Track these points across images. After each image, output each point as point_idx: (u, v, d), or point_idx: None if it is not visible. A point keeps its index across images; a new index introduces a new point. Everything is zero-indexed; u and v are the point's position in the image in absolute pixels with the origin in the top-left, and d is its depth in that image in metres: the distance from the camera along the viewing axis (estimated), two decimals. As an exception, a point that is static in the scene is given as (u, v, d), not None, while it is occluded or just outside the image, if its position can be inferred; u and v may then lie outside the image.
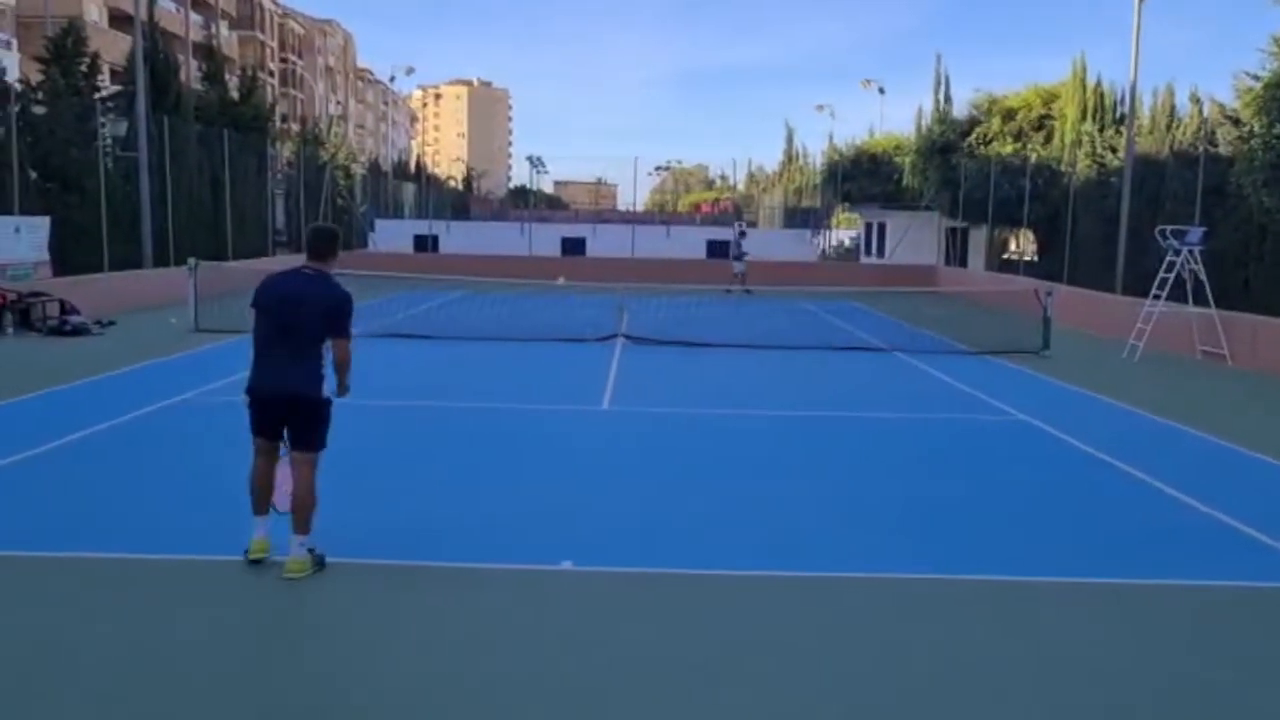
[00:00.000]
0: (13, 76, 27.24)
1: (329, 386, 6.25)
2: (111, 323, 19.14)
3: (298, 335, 6.14)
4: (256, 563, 6.21)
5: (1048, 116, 35.15)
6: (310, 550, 6.21)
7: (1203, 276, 18.15)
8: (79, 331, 18.01)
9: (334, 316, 6.17)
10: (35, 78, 26.21)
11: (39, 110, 24.00)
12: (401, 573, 6.41)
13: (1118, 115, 30.94)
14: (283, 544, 6.20)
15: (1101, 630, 5.78)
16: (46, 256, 20.57)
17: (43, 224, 20.72)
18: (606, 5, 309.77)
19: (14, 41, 39.63)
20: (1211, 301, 18.05)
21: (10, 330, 17.82)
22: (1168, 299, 18.52)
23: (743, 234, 34.74)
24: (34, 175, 22.91)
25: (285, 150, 40.94)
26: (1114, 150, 28.43)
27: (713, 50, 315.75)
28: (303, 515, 6.16)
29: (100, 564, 6.42)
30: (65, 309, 18.74)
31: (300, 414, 6.20)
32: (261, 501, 6.27)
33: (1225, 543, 7.51)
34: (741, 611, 5.96)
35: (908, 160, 40.56)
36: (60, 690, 4.77)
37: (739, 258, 33.29)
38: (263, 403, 6.22)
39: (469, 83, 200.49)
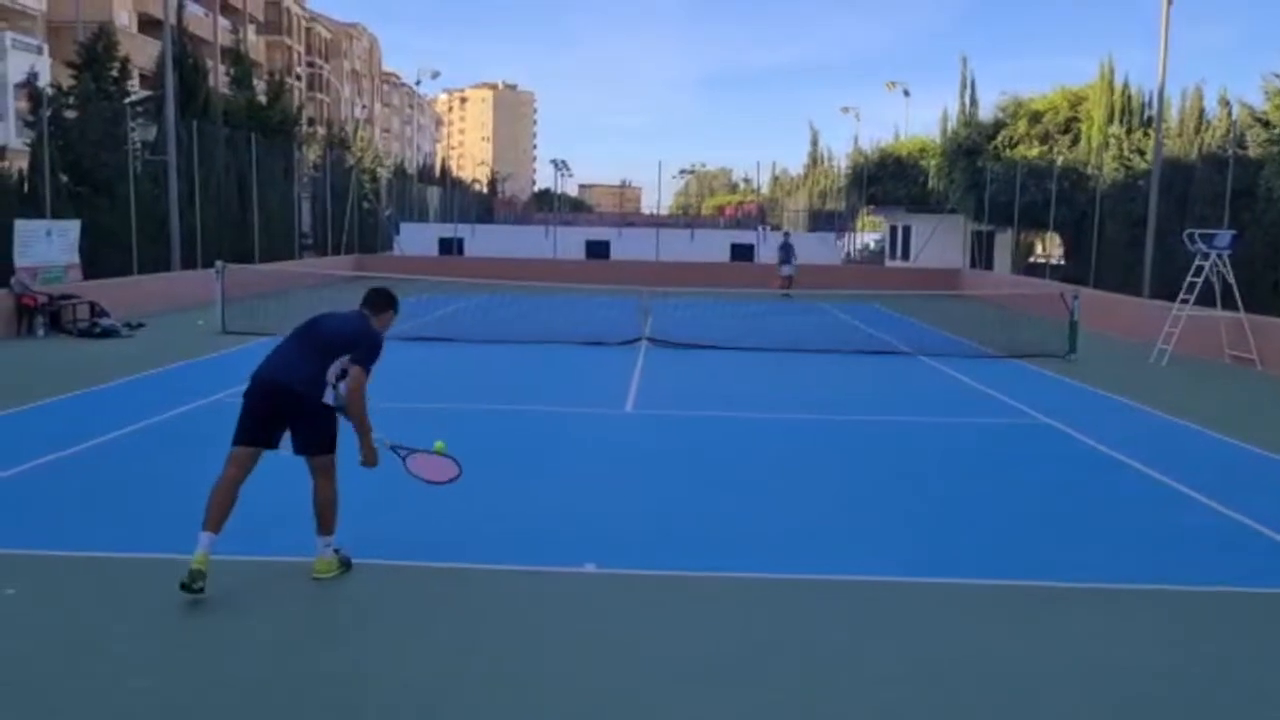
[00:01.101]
0: (44, 81, 27.57)
1: (330, 399, 6.09)
2: (141, 325, 19.34)
3: (311, 342, 6.16)
4: (197, 578, 5.66)
5: (1074, 119, 34.91)
6: (335, 551, 6.26)
7: (1231, 280, 17.99)
8: (109, 333, 18.22)
9: (357, 342, 6.09)
10: (66, 82, 26.47)
11: (70, 115, 24.26)
12: (425, 574, 6.45)
13: (1145, 118, 30.71)
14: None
15: (1125, 635, 5.75)
16: (77, 259, 20.80)
17: (73, 227, 20.95)
18: (631, 8, 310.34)
19: (45, 46, 40.07)
20: (1240, 305, 17.89)
21: (42, 332, 18.05)
22: (1196, 303, 18.37)
23: (787, 235, 36.35)
24: (65, 179, 23.16)
25: (311, 153, 41.20)
26: (1141, 153, 28.23)
27: (737, 53, 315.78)
28: (325, 517, 6.20)
29: (126, 564, 6.50)
30: (95, 311, 18.97)
31: (300, 412, 6.03)
32: (216, 518, 5.85)
33: (1253, 548, 7.45)
34: (765, 614, 5.97)
35: (933, 163, 40.40)
36: (82, 688, 4.85)
37: (787, 261, 33.72)
38: (261, 391, 6.05)
39: (494, 86, 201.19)
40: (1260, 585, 6.61)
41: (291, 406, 6.04)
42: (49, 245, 19.99)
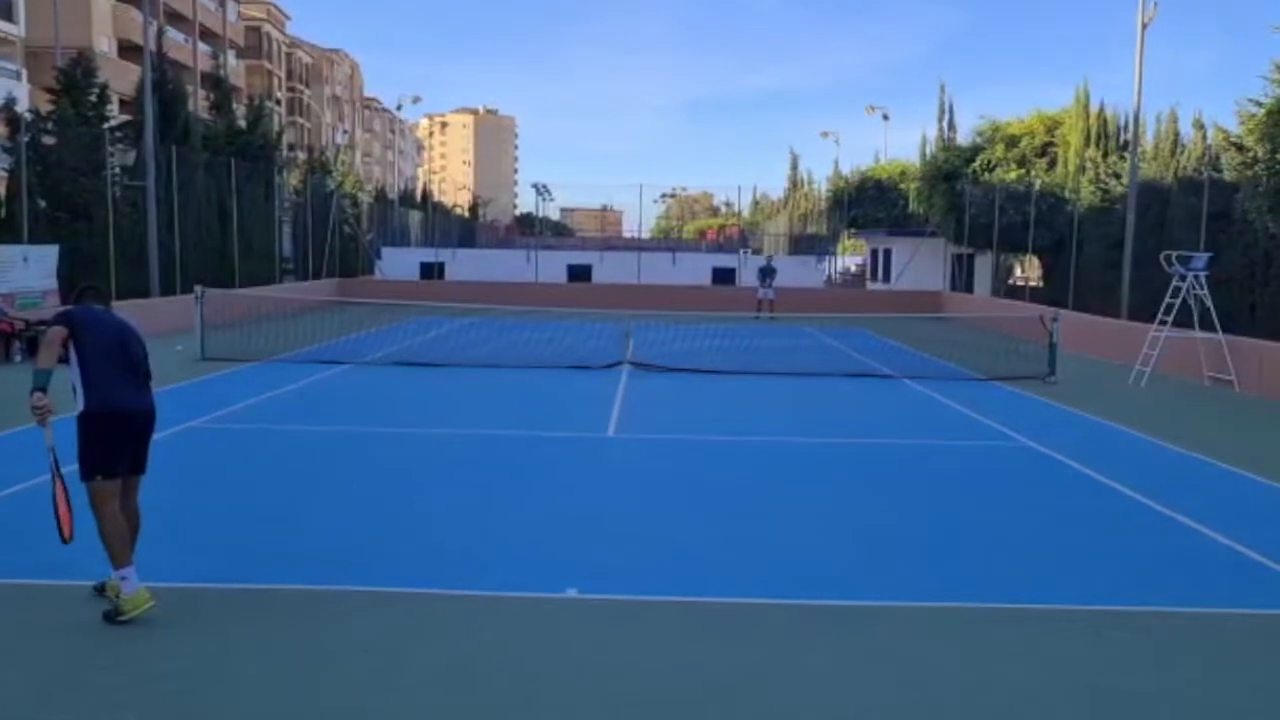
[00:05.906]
0: (23, 107, 27.44)
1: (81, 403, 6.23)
2: (119, 351, 19.15)
3: (139, 364, 6.33)
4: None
5: (1051, 143, 35.23)
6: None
7: (1209, 302, 18.15)
8: (86, 360, 18.04)
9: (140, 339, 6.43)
10: (45, 108, 26.38)
11: (48, 140, 24.16)
12: (405, 600, 6.39)
13: (1121, 141, 31.00)
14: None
15: (1108, 656, 5.75)
16: (55, 285, 20.66)
17: (51, 253, 20.83)
18: (613, 34, 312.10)
19: (24, 72, 39.92)
20: (1218, 327, 18.03)
21: (19, 358, 17.89)
22: (1174, 324, 18.50)
23: (769, 258, 37.79)
24: (43, 204, 23.04)
25: (292, 179, 41.11)
26: (1118, 176, 28.47)
27: (719, 78, 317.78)
28: (133, 533, 6.20)
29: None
30: (73, 337, 18.79)
31: (148, 434, 6.36)
32: (130, 551, 6.02)
33: (1234, 569, 7.47)
34: (750, 639, 5.93)
35: (913, 187, 40.64)
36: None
37: (770, 285, 33.70)
38: (134, 422, 6.25)
39: (475, 111, 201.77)
40: (1245, 607, 6.63)
41: (148, 430, 6.35)
42: (26, 271, 19.86)
